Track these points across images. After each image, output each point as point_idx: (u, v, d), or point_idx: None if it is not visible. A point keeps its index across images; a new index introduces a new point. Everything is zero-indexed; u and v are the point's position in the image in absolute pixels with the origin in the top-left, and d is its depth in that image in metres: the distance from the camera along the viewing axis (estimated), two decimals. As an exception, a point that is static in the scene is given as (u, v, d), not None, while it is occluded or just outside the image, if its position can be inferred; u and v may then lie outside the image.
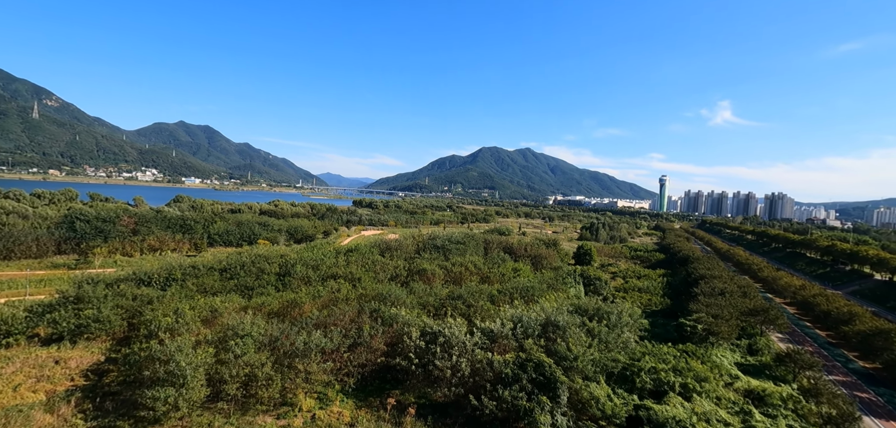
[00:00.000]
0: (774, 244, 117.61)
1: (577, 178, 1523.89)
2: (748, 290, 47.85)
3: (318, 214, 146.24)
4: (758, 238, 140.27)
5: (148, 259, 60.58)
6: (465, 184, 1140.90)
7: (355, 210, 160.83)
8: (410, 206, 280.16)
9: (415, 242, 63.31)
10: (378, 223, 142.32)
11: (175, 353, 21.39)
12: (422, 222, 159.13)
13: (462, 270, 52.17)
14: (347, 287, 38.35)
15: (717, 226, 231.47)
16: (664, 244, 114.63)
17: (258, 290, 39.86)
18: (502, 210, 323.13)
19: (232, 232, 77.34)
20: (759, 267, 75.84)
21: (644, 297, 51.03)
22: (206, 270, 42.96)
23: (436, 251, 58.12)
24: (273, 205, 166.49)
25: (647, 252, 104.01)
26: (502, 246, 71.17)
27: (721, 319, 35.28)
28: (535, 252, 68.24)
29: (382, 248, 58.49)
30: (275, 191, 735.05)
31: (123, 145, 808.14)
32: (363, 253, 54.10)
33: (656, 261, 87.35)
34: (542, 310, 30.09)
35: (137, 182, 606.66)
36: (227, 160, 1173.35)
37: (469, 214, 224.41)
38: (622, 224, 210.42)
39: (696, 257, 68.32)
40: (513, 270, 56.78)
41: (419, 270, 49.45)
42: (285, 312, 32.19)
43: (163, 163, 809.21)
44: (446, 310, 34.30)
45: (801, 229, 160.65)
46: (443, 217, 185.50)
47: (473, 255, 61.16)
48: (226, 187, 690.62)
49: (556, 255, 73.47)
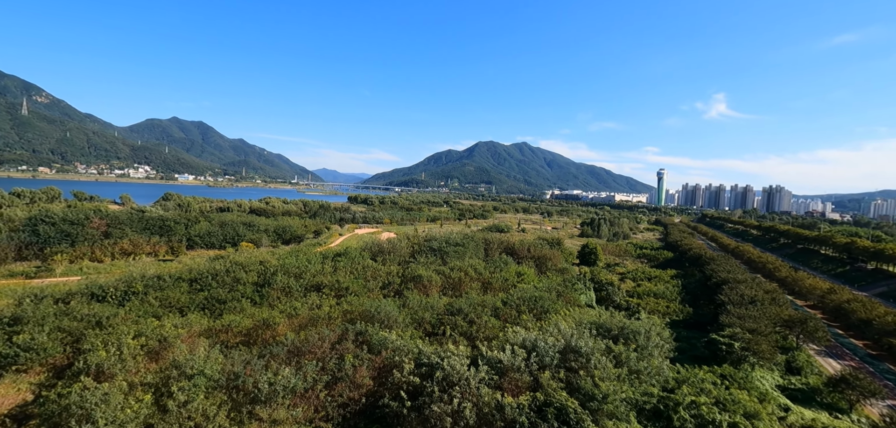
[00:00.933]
0: (783, 240, 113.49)
1: (573, 172, 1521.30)
2: (777, 296, 43.43)
3: (310, 213, 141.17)
4: (764, 233, 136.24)
5: (119, 265, 55.56)
6: (462, 178, 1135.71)
7: (349, 207, 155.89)
8: (406, 203, 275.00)
9: (410, 243, 58.62)
10: (372, 221, 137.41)
11: (97, 405, 16.61)
12: (418, 219, 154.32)
13: (461, 275, 47.53)
14: (331, 302, 33.61)
15: (718, 220, 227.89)
16: (670, 241, 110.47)
17: (231, 304, 35.04)
18: (500, 205, 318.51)
19: (214, 233, 72.30)
20: (774, 266, 71.61)
21: (661, 303, 46.54)
22: (173, 280, 38.05)
23: (432, 255, 53.43)
24: (264, 202, 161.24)
25: (653, 250, 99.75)
26: (504, 247, 66.58)
27: (759, 335, 30.78)
28: (539, 253, 63.68)
29: (374, 251, 53.73)
30: (270, 187, 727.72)
31: (115, 142, 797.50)
32: (353, 257, 49.34)
33: (664, 260, 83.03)
34: (558, 331, 25.45)
35: (129, 179, 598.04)
36: (222, 157, 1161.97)
37: (466, 209, 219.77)
38: (623, 219, 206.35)
39: (710, 258, 63.94)
40: (516, 274, 52.21)
41: (414, 276, 44.75)
42: (256, 334, 27.45)
43: (156, 159, 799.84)
44: (445, 328, 29.66)
45: (809, 223, 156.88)
46: (439, 213, 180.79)
47: (473, 258, 56.50)
48: (220, 184, 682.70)
49: (561, 255, 68.96)
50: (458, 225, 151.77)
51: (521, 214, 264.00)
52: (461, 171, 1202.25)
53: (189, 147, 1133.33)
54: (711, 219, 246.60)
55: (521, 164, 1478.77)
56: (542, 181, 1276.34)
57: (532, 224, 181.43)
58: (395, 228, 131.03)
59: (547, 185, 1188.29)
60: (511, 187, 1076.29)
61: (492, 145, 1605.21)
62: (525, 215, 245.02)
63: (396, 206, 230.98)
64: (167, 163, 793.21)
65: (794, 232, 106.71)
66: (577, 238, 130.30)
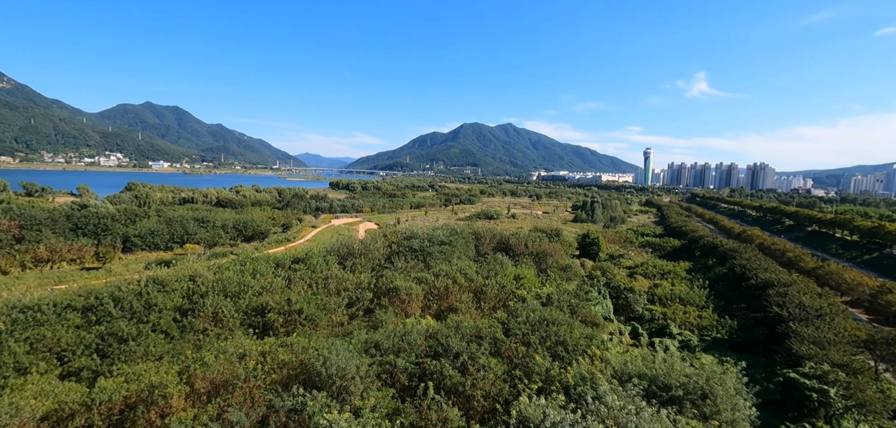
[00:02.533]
0: (788, 222, 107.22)
1: (558, 152, 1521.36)
2: (833, 302, 35.46)
3: (283, 202, 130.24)
4: (764, 214, 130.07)
5: (27, 278, 45.05)
6: (447, 161, 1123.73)
7: (326, 195, 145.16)
8: (390, 188, 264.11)
9: (386, 242, 49.26)
10: (352, 210, 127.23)
11: None
12: (402, 206, 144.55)
13: (448, 283, 38.52)
14: (266, 345, 24.18)
15: (710, 200, 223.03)
16: (670, 226, 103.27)
17: (134, 345, 25.53)
18: (487, 188, 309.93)
19: (159, 232, 61.67)
20: (794, 254, 64.38)
21: (691, 312, 38.33)
22: (58, 310, 28.10)
23: (413, 256, 44.20)
24: (234, 191, 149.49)
25: (655, 236, 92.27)
26: (496, 241, 57.72)
27: (856, 374, 22.50)
28: (538, 248, 55.02)
29: (343, 253, 44.21)
30: (250, 173, 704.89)
31: (84, 128, 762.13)
32: (314, 265, 39.77)
33: (672, 250, 75.37)
34: (596, 400, 16.56)
35: (100, 168, 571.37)
36: (199, 142, 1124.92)
37: (452, 194, 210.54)
38: (614, 200, 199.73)
39: (733, 249, 56.13)
40: (514, 278, 43.47)
41: (390, 288, 35.56)
42: (138, 407, 17.98)
43: (128, 146, 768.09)
44: (426, 385, 20.60)
45: (808, 202, 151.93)
46: (424, 199, 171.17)
47: (462, 257, 47.49)
48: (197, 171, 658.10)
49: (561, 248, 60.44)
50: (444, 211, 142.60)
51: (509, 197, 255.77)
52: (446, 154, 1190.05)
53: (164, 133, 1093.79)
54: (702, 199, 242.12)
55: (506, 145, 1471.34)
56: (528, 162, 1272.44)
57: (522, 208, 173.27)
58: (376, 217, 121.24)
59: (533, 167, 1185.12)
60: (497, 169, 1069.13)
61: (477, 127, 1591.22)
62: (513, 198, 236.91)
63: (379, 192, 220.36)
64: (140, 150, 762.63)
65: (803, 214, 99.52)
66: (571, 224, 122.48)
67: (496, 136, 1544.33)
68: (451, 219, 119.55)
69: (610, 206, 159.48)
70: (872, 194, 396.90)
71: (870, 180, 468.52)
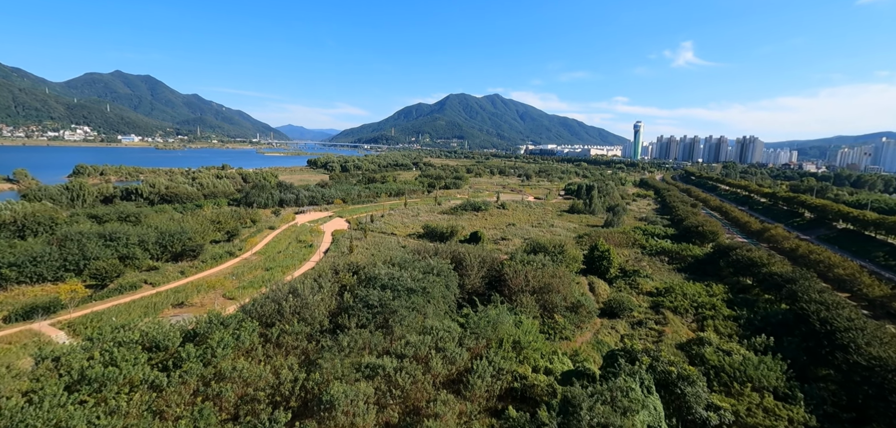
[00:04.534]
0: (808, 214, 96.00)
1: (545, 124, 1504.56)
2: None
3: (243, 193, 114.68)
4: (775, 202, 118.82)
5: None
6: (433, 134, 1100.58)
7: (292, 185, 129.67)
8: (371, 168, 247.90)
9: (337, 283, 35.89)
10: (322, 201, 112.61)
11: None
12: (379, 195, 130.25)
13: (418, 373, 25.61)
14: None
15: (708, 180, 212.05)
16: (678, 220, 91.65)
17: None
18: (473, 165, 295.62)
19: (46, 258, 46.91)
20: (846, 271, 52.96)
21: (767, 400, 26.30)
22: None
23: (370, 314, 30.92)
24: (191, 177, 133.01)
25: (668, 238, 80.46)
26: (486, 269, 44.81)
27: None
28: (540, 281, 42.33)
29: (269, 314, 30.64)
30: (227, 148, 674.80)
31: (48, 100, 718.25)
32: (216, 346, 26.18)
33: (693, 259, 63.54)
34: None
35: (64, 142, 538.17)
36: (174, 114, 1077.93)
37: (437, 176, 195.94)
38: (609, 183, 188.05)
39: (790, 277, 44.10)
40: (513, 344, 30.91)
41: (321, 401, 22.50)
42: None
43: (96, 119, 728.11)
44: None
45: (821, 188, 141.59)
46: (406, 185, 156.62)
47: (439, 310, 34.45)
48: (170, 145, 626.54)
49: (568, 275, 47.83)
50: (427, 200, 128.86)
51: (498, 176, 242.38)
52: (432, 126, 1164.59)
53: (136, 104, 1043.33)
54: (698, 178, 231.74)
55: (493, 117, 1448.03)
56: (515, 135, 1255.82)
57: (511, 193, 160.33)
58: (349, 210, 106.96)
59: (520, 139, 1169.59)
60: (484, 141, 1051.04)
61: (463, 98, 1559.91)
62: (502, 179, 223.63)
63: (359, 173, 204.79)
64: (110, 122, 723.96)
65: (832, 209, 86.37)
66: (568, 215, 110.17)
67: (483, 107, 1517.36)
68: (434, 212, 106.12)
69: (606, 191, 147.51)
70: (861, 168, 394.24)
71: (857, 153, 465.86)
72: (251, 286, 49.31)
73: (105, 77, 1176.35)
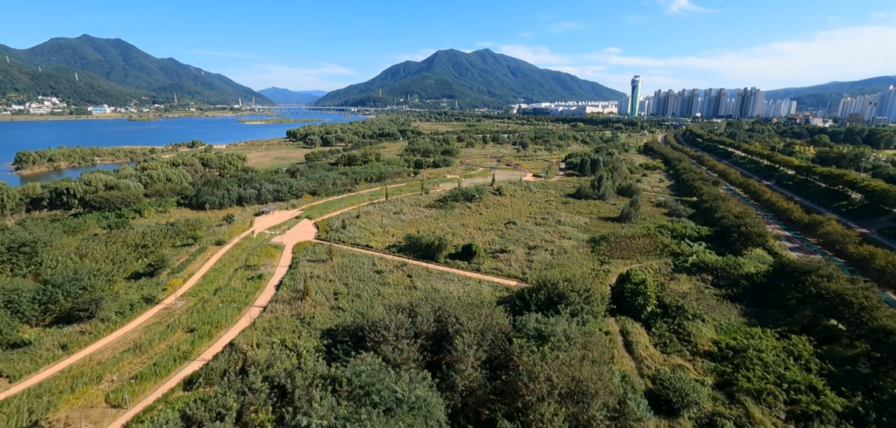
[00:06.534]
0: (857, 196, 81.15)
1: (538, 79, 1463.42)
2: None
3: (196, 189, 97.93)
4: (806, 176, 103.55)
5: None
6: (422, 93, 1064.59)
7: (254, 178, 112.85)
8: (354, 139, 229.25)
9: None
10: (289, 196, 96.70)
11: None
12: (359, 181, 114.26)
13: None
14: None
15: (717, 144, 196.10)
16: (704, 206, 77.88)
17: None
18: (465, 132, 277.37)
19: None
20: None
21: None
22: None
23: None
24: (140, 168, 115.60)
25: (702, 239, 66.56)
26: (487, 345, 30.73)
27: None
28: (568, 380, 28.31)
29: None
30: (206, 116, 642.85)
31: (10, 69, 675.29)
32: None
33: (748, 281, 49.85)
34: None
35: (30, 116, 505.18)
36: (149, 80, 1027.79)
37: (425, 149, 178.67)
38: (613, 150, 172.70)
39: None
40: None
41: None
42: None
43: (65, 89, 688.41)
44: None
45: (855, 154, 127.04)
46: (389, 166, 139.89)
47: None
48: (145, 115, 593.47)
49: (607, 362, 33.77)
50: (414, 186, 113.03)
51: (491, 143, 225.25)
52: (421, 86, 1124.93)
53: (108, 71, 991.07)
54: (705, 141, 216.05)
55: (484, 73, 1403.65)
56: (507, 91, 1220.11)
57: (508, 169, 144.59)
58: (320, 207, 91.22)
59: (512, 97, 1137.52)
60: (475, 100, 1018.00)
61: (453, 54, 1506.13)
62: (495, 148, 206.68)
63: (340, 148, 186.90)
64: (79, 92, 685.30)
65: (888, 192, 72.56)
66: (574, 200, 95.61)
67: (473, 63, 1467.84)
68: (420, 205, 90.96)
69: (612, 165, 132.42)
70: (865, 118, 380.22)
71: (860, 102, 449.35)
72: (155, 373, 34.87)
73: (73, 42, 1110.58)
